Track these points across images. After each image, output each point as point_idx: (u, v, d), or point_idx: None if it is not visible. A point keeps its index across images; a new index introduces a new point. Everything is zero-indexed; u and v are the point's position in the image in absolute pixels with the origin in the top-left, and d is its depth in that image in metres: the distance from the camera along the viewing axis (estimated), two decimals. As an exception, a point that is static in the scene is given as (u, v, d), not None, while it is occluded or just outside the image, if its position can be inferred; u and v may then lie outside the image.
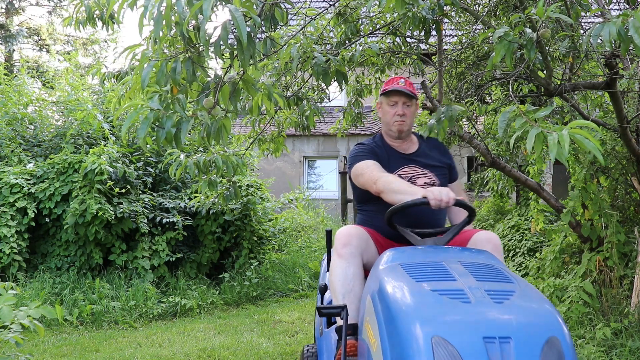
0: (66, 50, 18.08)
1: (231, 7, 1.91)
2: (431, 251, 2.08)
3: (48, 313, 2.57)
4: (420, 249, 2.13)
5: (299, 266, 7.10)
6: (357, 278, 2.28)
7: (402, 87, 2.67)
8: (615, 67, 3.62)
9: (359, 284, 2.28)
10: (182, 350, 4.49)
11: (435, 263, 1.86)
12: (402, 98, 2.69)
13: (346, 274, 2.27)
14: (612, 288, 4.06)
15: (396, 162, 2.69)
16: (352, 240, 2.32)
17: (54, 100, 7.98)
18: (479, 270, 1.80)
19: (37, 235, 6.41)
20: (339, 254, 2.32)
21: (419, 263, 1.88)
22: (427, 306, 1.58)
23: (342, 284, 2.27)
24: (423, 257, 1.97)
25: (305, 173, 13.05)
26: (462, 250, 2.14)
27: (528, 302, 1.62)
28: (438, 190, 2.15)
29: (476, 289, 1.62)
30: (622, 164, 4.34)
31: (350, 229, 2.38)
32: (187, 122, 2.09)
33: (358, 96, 5.48)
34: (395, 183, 2.37)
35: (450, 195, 2.15)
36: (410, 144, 2.78)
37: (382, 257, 2.05)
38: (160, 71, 2.06)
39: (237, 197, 4.70)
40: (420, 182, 2.62)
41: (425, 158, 2.74)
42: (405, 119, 2.68)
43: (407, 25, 3.11)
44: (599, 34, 1.87)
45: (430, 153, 2.78)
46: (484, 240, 2.34)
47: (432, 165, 2.72)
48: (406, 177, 2.62)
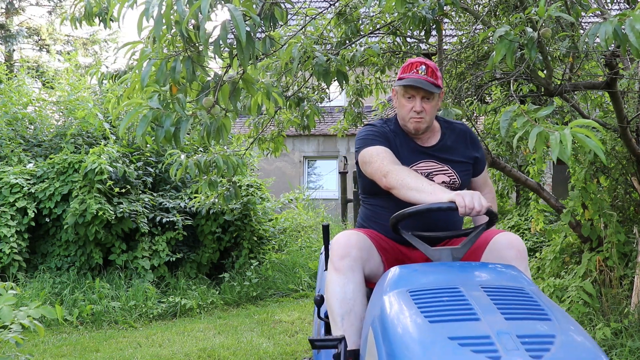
0: (66, 50, 18.08)
1: (230, 7, 1.91)
2: (446, 270, 1.72)
3: (48, 313, 2.56)
4: (432, 266, 1.78)
5: (299, 266, 7.10)
6: (358, 296, 1.96)
7: (422, 77, 2.23)
8: (616, 67, 3.62)
9: (360, 302, 1.96)
10: (182, 350, 4.49)
11: (452, 290, 1.50)
12: (420, 92, 2.25)
13: (345, 292, 1.96)
14: (612, 288, 4.06)
15: (411, 155, 2.31)
16: (351, 251, 1.98)
17: (53, 100, 7.99)
18: (507, 300, 1.45)
19: (37, 235, 6.41)
20: (336, 268, 1.99)
21: (431, 290, 1.54)
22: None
23: (341, 303, 1.96)
24: (436, 280, 1.62)
25: (305, 173, 13.05)
26: (483, 268, 1.77)
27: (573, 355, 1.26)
28: (470, 196, 1.80)
29: (506, 334, 1.27)
30: (622, 164, 4.34)
31: (349, 237, 2.03)
32: (186, 121, 2.09)
33: (358, 96, 5.48)
34: (411, 178, 1.99)
35: (483, 203, 1.80)
36: (430, 134, 2.37)
37: (387, 278, 1.73)
38: (160, 70, 2.06)
39: (237, 197, 4.70)
40: (438, 180, 2.26)
41: (447, 152, 2.35)
42: (424, 116, 2.26)
43: (407, 25, 3.11)
44: (595, 33, 1.87)
45: (454, 146, 2.37)
46: (505, 246, 2.00)
47: (454, 160, 2.34)
48: (422, 174, 2.23)
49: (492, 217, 1.93)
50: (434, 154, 2.33)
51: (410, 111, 2.27)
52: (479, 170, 2.45)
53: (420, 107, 2.25)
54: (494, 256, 2.02)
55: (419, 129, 2.29)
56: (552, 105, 2.01)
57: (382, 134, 2.29)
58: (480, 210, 1.79)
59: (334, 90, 5.26)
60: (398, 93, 2.34)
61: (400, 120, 2.35)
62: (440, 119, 2.45)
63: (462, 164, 2.35)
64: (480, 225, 1.95)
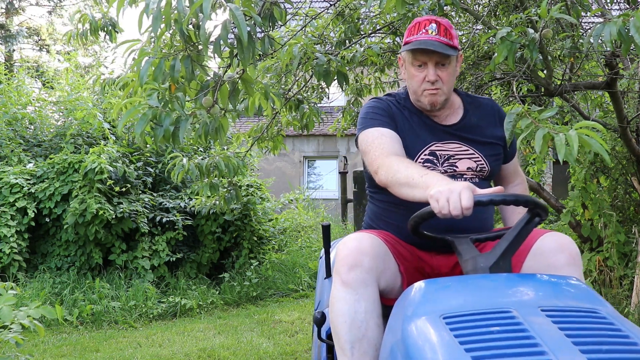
0: (66, 50, 18.09)
1: (232, 6, 1.91)
2: (489, 286, 1.27)
3: (48, 313, 2.56)
4: (470, 280, 1.33)
5: (299, 266, 7.10)
6: (372, 317, 1.53)
7: (433, 38, 1.79)
8: (616, 67, 3.62)
9: (375, 325, 1.54)
10: (182, 350, 4.49)
11: (502, 315, 1.10)
12: (433, 57, 1.81)
13: (355, 312, 1.52)
14: (612, 288, 4.06)
15: (428, 135, 1.88)
16: (363, 260, 1.54)
17: (53, 100, 7.99)
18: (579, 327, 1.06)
19: (37, 235, 6.41)
20: (344, 281, 1.54)
21: (474, 314, 1.12)
22: None
23: (350, 327, 1.52)
24: (479, 300, 1.18)
25: (305, 173, 13.06)
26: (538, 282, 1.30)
27: None
28: (445, 196, 1.37)
29: None
30: (622, 164, 4.34)
31: (360, 241, 1.58)
32: (185, 120, 2.09)
33: (357, 95, 5.48)
34: (401, 172, 1.60)
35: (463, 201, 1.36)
36: (450, 111, 1.95)
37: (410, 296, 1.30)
38: (158, 68, 2.06)
39: (238, 199, 4.70)
40: (462, 165, 1.86)
41: (472, 132, 1.92)
42: (440, 86, 1.83)
43: (407, 25, 3.11)
44: (599, 34, 1.87)
45: (480, 124, 1.94)
46: (554, 249, 1.58)
47: (481, 142, 1.90)
48: (443, 157, 1.85)
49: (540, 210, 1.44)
50: (457, 133, 1.90)
51: (423, 82, 1.84)
52: (510, 155, 2.04)
53: (435, 76, 1.82)
54: (540, 264, 1.60)
55: (435, 103, 1.86)
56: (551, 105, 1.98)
57: (385, 112, 1.89)
58: (459, 214, 1.37)
59: (333, 91, 5.26)
60: (406, 61, 1.90)
61: (412, 94, 1.93)
62: (461, 93, 2.03)
63: (491, 145, 1.92)
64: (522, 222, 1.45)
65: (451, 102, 1.95)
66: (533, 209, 1.44)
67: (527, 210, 1.45)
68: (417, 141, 1.86)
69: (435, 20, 1.83)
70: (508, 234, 1.44)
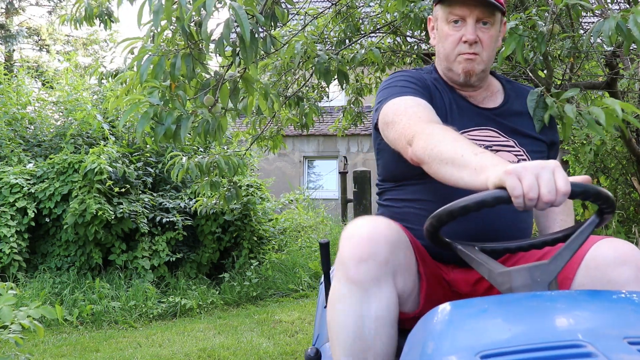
0: (66, 50, 18.09)
1: (235, 5, 1.90)
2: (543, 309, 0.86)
3: (48, 313, 2.56)
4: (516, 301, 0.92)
5: (299, 266, 7.10)
6: (383, 326, 1.15)
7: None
8: (616, 67, 3.62)
9: (387, 336, 1.16)
10: (182, 350, 4.49)
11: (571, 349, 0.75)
12: (475, 10, 1.45)
13: (363, 317, 1.15)
14: (613, 288, 4.06)
15: (462, 118, 1.52)
16: (377, 251, 1.15)
17: (53, 100, 7.99)
18: None
19: (37, 235, 6.41)
20: (351, 278, 1.15)
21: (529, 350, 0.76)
22: None
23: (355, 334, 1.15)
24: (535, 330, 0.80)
25: (305, 173, 13.05)
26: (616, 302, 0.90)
27: None
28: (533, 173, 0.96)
29: None
30: (622, 164, 4.34)
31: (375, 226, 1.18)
32: (187, 119, 2.08)
33: (358, 95, 5.49)
34: (447, 144, 1.17)
35: (560, 184, 0.96)
36: (488, 92, 1.59)
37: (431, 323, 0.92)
38: (159, 65, 2.05)
39: (238, 198, 4.70)
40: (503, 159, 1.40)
41: (514, 121, 1.56)
42: (479, 51, 1.47)
43: (408, 25, 3.11)
44: (599, 30, 1.86)
45: (524, 112, 1.60)
46: (615, 261, 1.19)
47: (524, 134, 1.55)
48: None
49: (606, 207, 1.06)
50: (496, 119, 1.55)
51: (459, 43, 1.47)
52: (553, 157, 1.65)
53: (474, 35, 1.45)
54: (597, 279, 1.22)
55: (471, 72, 1.49)
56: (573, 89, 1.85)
57: (419, 81, 1.52)
58: (554, 201, 0.96)
59: (333, 90, 5.26)
60: (439, 18, 1.54)
61: (443, 61, 1.55)
62: (500, 77, 1.68)
63: (535, 141, 1.57)
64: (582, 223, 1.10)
65: (489, 82, 1.60)
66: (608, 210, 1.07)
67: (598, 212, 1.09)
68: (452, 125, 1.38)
69: None
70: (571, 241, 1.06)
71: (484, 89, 1.58)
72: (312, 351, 1.51)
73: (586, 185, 1.01)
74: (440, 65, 1.58)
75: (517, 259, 1.43)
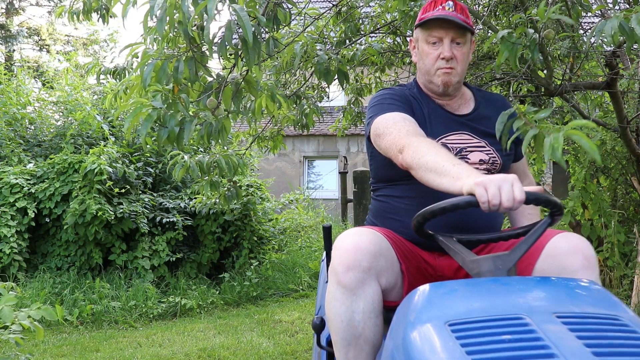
0: (66, 51, 18.08)
1: (237, 7, 1.90)
2: (499, 290, 1.15)
3: (48, 314, 2.57)
4: (478, 284, 1.20)
5: (299, 266, 7.10)
6: (369, 317, 1.45)
7: (449, 13, 1.73)
8: (616, 67, 3.62)
9: (373, 325, 1.46)
10: (182, 350, 4.49)
11: (514, 322, 1.01)
12: (449, 32, 1.75)
13: (352, 312, 1.44)
14: (612, 288, 4.06)
15: (440, 125, 1.80)
16: (361, 260, 1.43)
17: (53, 100, 7.99)
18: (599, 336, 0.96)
19: (37, 235, 6.41)
20: (341, 282, 1.44)
21: (483, 321, 1.02)
22: None
23: (347, 326, 1.46)
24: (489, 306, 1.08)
25: (305, 173, 13.05)
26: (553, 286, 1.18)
27: None
28: (496, 185, 1.24)
29: None
30: (622, 164, 4.35)
31: (359, 238, 1.46)
32: (190, 121, 2.09)
33: (358, 95, 5.49)
34: (431, 155, 1.44)
35: (516, 194, 1.24)
36: (462, 100, 1.88)
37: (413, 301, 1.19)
38: (162, 70, 2.06)
39: (238, 198, 4.70)
40: (474, 158, 1.78)
41: (484, 124, 1.83)
42: (455, 65, 1.77)
43: (408, 25, 3.11)
44: (601, 30, 1.87)
45: (492, 117, 1.80)
46: (567, 251, 1.46)
47: (493, 135, 1.76)
48: (454, 149, 1.76)
49: (555, 210, 1.34)
50: (469, 123, 1.82)
51: (437, 60, 1.77)
52: (520, 154, 1.91)
53: (450, 52, 1.75)
54: (553, 266, 1.49)
55: (448, 84, 1.78)
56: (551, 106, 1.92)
57: (402, 98, 1.80)
58: (512, 206, 1.24)
59: (333, 90, 5.26)
60: (419, 40, 1.83)
61: (424, 75, 1.85)
62: (471, 86, 1.99)
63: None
64: (538, 223, 1.37)
65: (462, 92, 1.89)
66: (557, 213, 1.36)
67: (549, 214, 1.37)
68: (431, 132, 1.74)
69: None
70: (529, 237, 1.32)
71: (459, 97, 1.88)
72: (318, 319, 1.80)
73: (537, 194, 1.30)
74: (421, 78, 1.88)
75: (489, 249, 1.71)
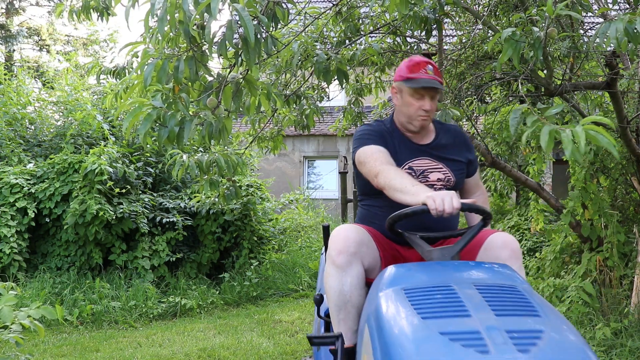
0: (66, 51, 18.08)
1: (238, 7, 1.90)
2: (440, 269, 1.76)
3: (48, 313, 2.57)
4: (427, 265, 1.82)
5: (299, 266, 7.10)
6: (355, 289, 2.02)
7: (432, 77, 2.26)
8: (616, 67, 3.62)
9: (358, 295, 2.03)
10: (182, 350, 4.49)
11: (445, 288, 1.54)
12: (431, 92, 2.28)
13: (342, 285, 2.01)
14: (612, 288, 4.06)
15: (407, 153, 2.35)
16: (349, 246, 2.01)
17: (53, 100, 7.99)
18: (498, 297, 1.49)
19: (37, 235, 6.41)
20: (334, 263, 2.02)
21: (425, 288, 1.57)
22: (433, 358, 1.26)
23: (339, 295, 2.02)
24: (430, 278, 1.66)
25: (305, 173, 13.05)
26: (476, 267, 1.81)
27: (560, 349, 1.28)
28: (441, 198, 1.83)
29: (495, 330, 1.30)
30: (622, 164, 4.34)
31: (347, 231, 2.05)
32: (190, 121, 2.08)
33: (358, 95, 5.48)
34: (397, 179, 2.03)
35: (454, 203, 1.83)
36: (426, 133, 2.42)
37: (383, 276, 1.77)
38: (162, 69, 2.06)
39: (237, 197, 4.70)
40: (433, 177, 2.32)
41: (442, 150, 2.40)
42: (430, 114, 2.32)
43: (409, 24, 3.11)
44: (605, 32, 1.86)
45: (449, 144, 2.42)
46: (499, 245, 2.04)
47: (449, 159, 2.38)
48: (418, 171, 2.31)
49: (486, 216, 1.98)
50: (430, 151, 2.38)
51: (419, 110, 2.29)
52: (472, 171, 2.52)
53: (430, 106, 2.28)
54: (489, 256, 2.06)
55: (425, 127, 2.35)
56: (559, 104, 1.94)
57: (378, 133, 2.34)
58: (452, 211, 1.81)
59: (333, 90, 5.26)
60: (404, 92, 2.32)
61: (404, 117, 2.36)
62: (433, 120, 2.50)
63: (456, 162, 2.41)
64: (474, 225, 1.99)
65: (427, 127, 2.42)
66: (487, 218, 2.00)
67: (482, 219, 1.99)
68: (400, 158, 2.31)
69: (429, 62, 2.30)
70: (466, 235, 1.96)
71: (424, 131, 2.40)
72: (318, 295, 2.37)
73: (470, 204, 1.91)
74: (401, 118, 2.39)
75: (446, 244, 2.22)
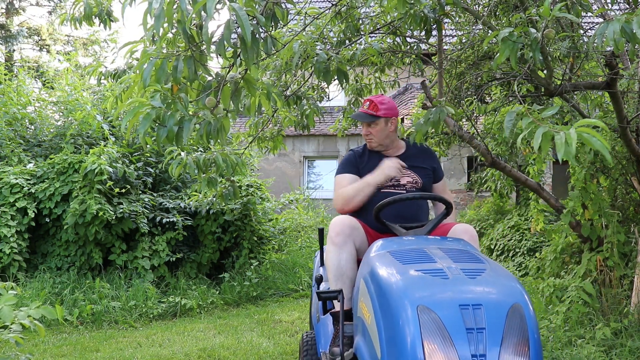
0: (66, 51, 18.08)
1: (235, 6, 1.90)
2: (415, 240, 2.39)
3: (48, 313, 2.57)
4: (406, 239, 2.43)
5: (299, 266, 7.10)
6: (349, 262, 2.54)
7: (362, 111, 2.96)
8: (615, 67, 3.62)
9: (351, 268, 2.54)
10: (182, 350, 4.49)
11: (418, 250, 2.18)
12: (364, 122, 2.95)
13: (339, 259, 2.53)
14: (612, 288, 4.06)
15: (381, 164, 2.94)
16: (344, 229, 2.56)
17: (53, 100, 7.99)
18: (455, 254, 2.12)
19: (37, 235, 6.41)
20: (333, 242, 2.56)
21: (405, 250, 2.19)
22: (412, 283, 1.88)
23: (336, 268, 2.53)
24: (408, 246, 2.28)
25: (305, 173, 13.05)
26: (441, 239, 2.43)
27: (496, 278, 1.96)
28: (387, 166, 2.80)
29: (453, 268, 1.94)
30: (622, 164, 4.34)
31: (343, 218, 2.62)
32: (189, 121, 2.08)
33: (358, 95, 5.48)
34: (348, 190, 2.81)
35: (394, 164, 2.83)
36: (396, 150, 3.04)
37: (373, 246, 2.34)
38: (161, 69, 2.05)
39: (236, 196, 4.69)
40: (404, 180, 2.92)
41: (410, 160, 2.99)
42: (372, 137, 2.96)
43: (408, 24, 3.11)
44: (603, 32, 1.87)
45: (416, 156, 3.04)
46: (461, 231, 2.61)
47: (416, 166, 2.98)
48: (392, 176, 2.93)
49: (448, 205, 2.64)
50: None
51: (364, 134, 3.00)
52: (438, 177, 3.11)
53: (366, 131, 2.97)
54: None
55: (372, 147, 3.02)
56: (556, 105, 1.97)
57: (351, 162, 2.99)
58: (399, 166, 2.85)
59: (333, 90, 5.26)
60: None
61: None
62: (406, 142, 3.12)
63: (423, 169, 3.00)
64: (440, 214, 2.66)
65: (397, 145, 3.06)
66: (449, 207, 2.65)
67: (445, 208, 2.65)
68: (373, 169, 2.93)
69: (370, 99, 2.98)
70: (432, 220, 2.66)
71: (394, 148, 3.05)
72: (318, 275, 2.92)
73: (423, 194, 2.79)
74: None
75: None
